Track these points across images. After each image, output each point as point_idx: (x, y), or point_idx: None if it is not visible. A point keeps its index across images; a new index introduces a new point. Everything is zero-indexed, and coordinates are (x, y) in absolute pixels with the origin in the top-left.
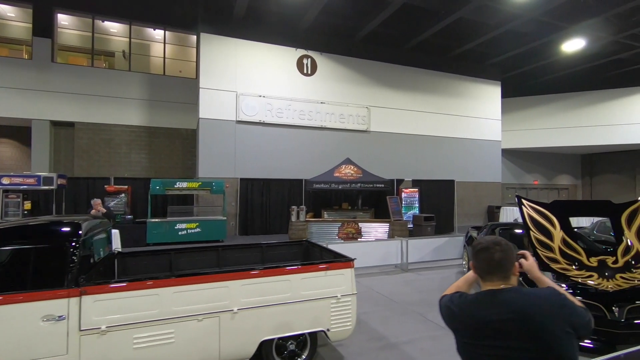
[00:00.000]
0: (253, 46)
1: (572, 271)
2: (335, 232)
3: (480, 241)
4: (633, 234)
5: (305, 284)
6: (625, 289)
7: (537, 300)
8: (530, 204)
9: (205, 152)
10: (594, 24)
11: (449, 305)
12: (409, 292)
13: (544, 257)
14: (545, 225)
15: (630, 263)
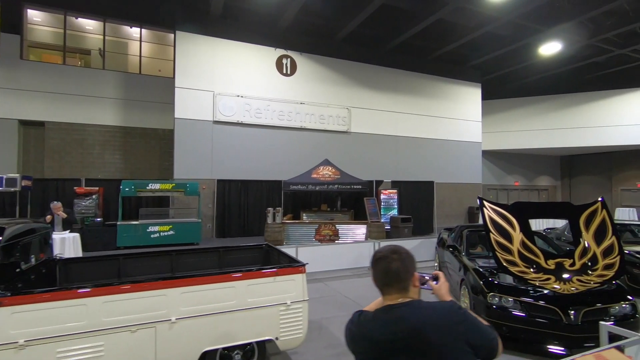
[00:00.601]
0: (231, 45)
1: (530, 274)
2: (312, 234)
3: (378, 250)
4: (590, 236)
5: (252, 290)
6: (582, 291)
7: (433, 316)
8: (492, 205)
9: (182, 153)
10: (569, 28)
11: (349, 326)
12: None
13: (503, 260)
14: (506, 227)
15: (587, 265)
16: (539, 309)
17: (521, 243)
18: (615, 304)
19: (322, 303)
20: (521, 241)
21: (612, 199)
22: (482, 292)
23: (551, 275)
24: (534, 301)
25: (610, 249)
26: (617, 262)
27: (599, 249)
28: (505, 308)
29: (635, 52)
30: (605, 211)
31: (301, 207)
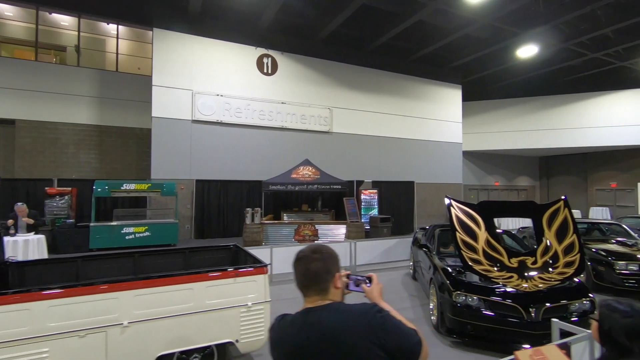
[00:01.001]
0: (210, 44)
1: (493, 272)
2: (292, 234)
3: (300, 250)
4: (552, 235)
5: (210, 292)
6: (543, 289)
7: (349, 320)
8: (459, 205)
9: (159, 153)
10: (544, 31)
11: (270, 331)
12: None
13: (468, 258)
14: (472, 226)
15: (549, 263)
16: (502, 306)
17: (486, 242)
18: (575, 301)
19: (293, 304)
20: (486, 240)
21: (588, 198)
22: (448, 290)
23: (514, 274)
24: (497, 299)
25: (571, 247)
26: (577, 259)
27: (560, 246)
28: (470, 306)
29: (608, 56)
30: (567, 210)
31: (282, 207)
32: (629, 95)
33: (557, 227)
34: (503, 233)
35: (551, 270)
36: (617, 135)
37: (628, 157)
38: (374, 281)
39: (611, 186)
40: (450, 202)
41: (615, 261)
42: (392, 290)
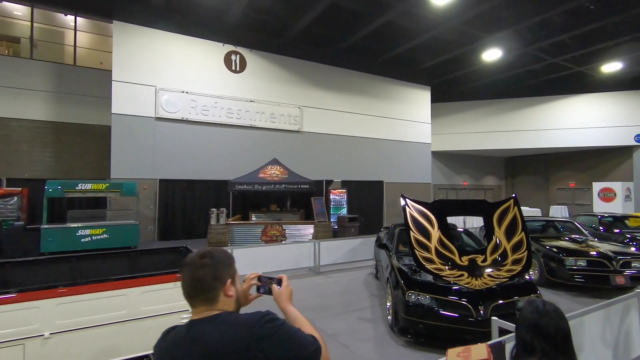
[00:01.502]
0: (175, 39)
1: (445, 271)
2: (259, 235)
3: (188, 255)
4: (502, 233)
5: (147, 298)
6: (491, 286)
7: (232, 332)
8: (414, 203)
9: (120, 151)
10: (507, 36)
11: (154, 348)
12: (308, 297)
13: (420, 257)
14: (425, 225)
15: (498, 261)
16: (452, 305)
17: (438, 240)
18: (523, 298)
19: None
20: (438, 238)
21: (549, 197)
22: (402, 289)
23: (464, 272)
24: (447, 298)
25: (520, 244)
26: (525, 256)
27: (509, 244)
28: (422, 305)
29: (566, 61)
30: (516, 208)
31: (250, 207)
32: (586, 99)
33: (507, 225)
34: (463, 232)
35: (500, 268)
36: (575, 137)
37: (585, 158)
38: (284, 283)
39: (570, 185)
40: (405, 201)
41: (565, 257)
42: (353, 290)
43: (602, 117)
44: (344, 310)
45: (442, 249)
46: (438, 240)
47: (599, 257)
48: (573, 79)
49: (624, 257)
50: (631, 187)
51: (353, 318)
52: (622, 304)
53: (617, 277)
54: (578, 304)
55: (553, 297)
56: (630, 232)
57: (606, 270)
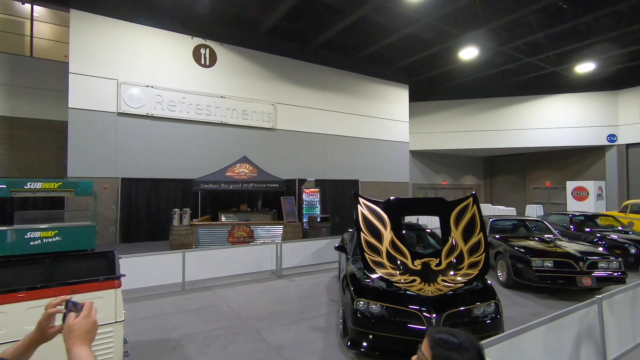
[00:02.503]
0: (139, 30)
1: (396, 276)
2: (225, 236)
3: None
4: (459, 233)
5: (33, 315)
6: (445, 293)
7: None
8: (366, 202)
9: (78, 148)
10: (482, 34)
11: None
12: (265, 303)
13: (370, 261)
14: (377, 226)
15: (453, 264)
16: (403, 314)
17: (390, 242)
18: (478, 304)
19: (197, 316)
20: (391, 240)
21: (526, 196)
22: (351, 296)
23: (417, 277)
24: (397, 306)
25: (477, 246)
26: (482, 259)
27: (466, 246)
28: (372, 314)
29: (541, 61)
30: (475, 206)
31: (220, 207)
32: (561, 99)
33: (464, 226)
34: (430, 233)
35: (455, 272)
36: (550, 137)
37: (560, 158)
38: (82, 314)
39: (546, 185)
40: (358, 200)
41: (531, 258)
42: (313, 295)
43: (577, 117)
44: (297, 318)
45: (394, 251)
46: (390, 242)
47: (565, 258)
48: (548, 79)
49: (591, 257)
50: (603, 186)
51: (305, 327)
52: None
53: (583, 278)
54: (544, 307)
55: (520, 299)
56: (600, 231)
57: (573, 272)
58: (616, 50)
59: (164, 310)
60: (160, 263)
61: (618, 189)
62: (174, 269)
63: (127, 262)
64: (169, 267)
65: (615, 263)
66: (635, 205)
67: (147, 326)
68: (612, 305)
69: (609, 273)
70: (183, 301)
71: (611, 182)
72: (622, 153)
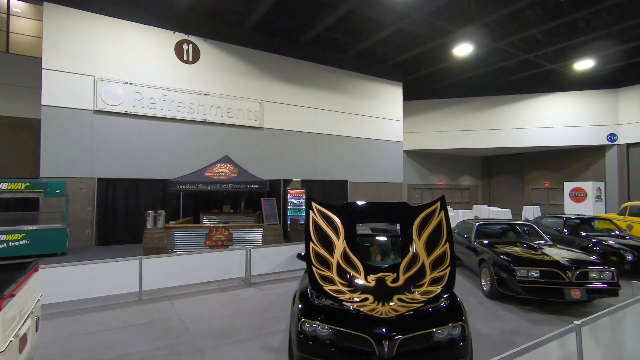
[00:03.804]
0: (117, 25)
1: (346, 294)
2: (203, 239)
3: None
4: (422, 244)
5: None
6: (401, 314)
7: None
8: (320, 208)
9: (51, 147)
10: (476, 30)
11: None
12: (223, 316)
13: (318, 276)
14: (330, 235)
15: (412, 280)
16: (352, 338)
17: (342, 254)
18: (441, 327)
19: (141, 332)
20: (343, 252)
21: (524, 197)
22: (297, 317)
23: (369, 295)
24: (346, 329)
25: (442, 259)
26: (447, 274)
27: (429, 259)
28: (319, 338)
29: (539, 58)
30: (443, 212)
31: (203, 208)
32: (560, 97)
33: (429, 235)
34: None
35: (414, 290)
36: (549, 136)
37: (559, 158)
38: None
39: (545, 185)
40: (310, 204)
41: (516, 267)
42: (279, 306)
43: (576, 116)
44: (252, 335)
45: (346, 265)
46: (342, 254)
47: (553, 267)
48: (546, 76)
49: (581, 267)
50: (602, 187)
51: (256, 346)
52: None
53: (572, 290)
54: (528, 323)
55: (503, 312)
56: (596, 235)
57: (561, 282)
58: (616, 47)
59: (108, 325)
60: (116, 271)
61: (618, 190)
62: (132, 277)
63: (79, 270)
64: (126, 275)
65: (608, 273)
66: (634, 207)
67: (79, 345)
68: (595, 331)
69: (602, 284)
70: (133, 314)
71: (611, 183)
72: (623, 153)
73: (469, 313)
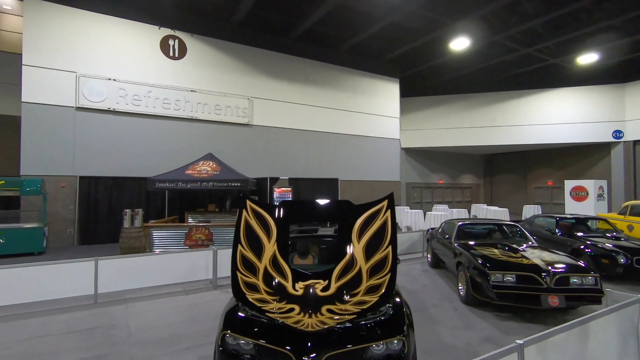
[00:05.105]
0: (100, 20)
1: (271, 303)
2: (182, 239)
3: None
4: (361, 248)
5: None
6: (330, 327)
7: None
8: (255, 207)
9: (31, 145)
10: (473, 23)
11: None
12: (175, 321)
13: (242, 283)
14: (260, 236)
15: (346, 288)
16: (270, 354)
17: (271, 259)
18: (377, 342)
19: (80, 339)
20: (272, 256)
21: (527, 196)
22: (219, 329)
23: (296, 305)
24: (268, 343)
25: (382, 265)
26: (386, 282)
27: (367, 264)
28: (240, 353)
29: (540, 52)
30: (389, 212)
31: (189, 207)
32: (563, 93)
33: (370, 237)
34: None
35: (346, 299)
36: (553, 133)
37: (563, 156)
38: None
39: (548, 184)
40: (245, 203)
41: (490, 271)
42: None
43: (580, 112)
44: (195, 343)
45: (274, 271)
46: (271, 258)
47: (530, 272)
48: (549, 71)
49: (561, 271)
50: (604, 185)
51: (194, 357)
52: None
53: (549, 297)
54: (501, 332)
55: (476, 320)
56: (590, 236)
57: (538, 288)
58: (620, 39)
59: (48, 331)
60: (72, 272)
61: (625, 189)
62: (90, 279)
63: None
64: (84, 277)
65: (591, 279)
66: (636, 207)
67: (8, 354)
68: (544, 352)
69: (583, 291)
70: (82, 318)
71: (617, 181)
72: (629, 150)
73: (440, 320)
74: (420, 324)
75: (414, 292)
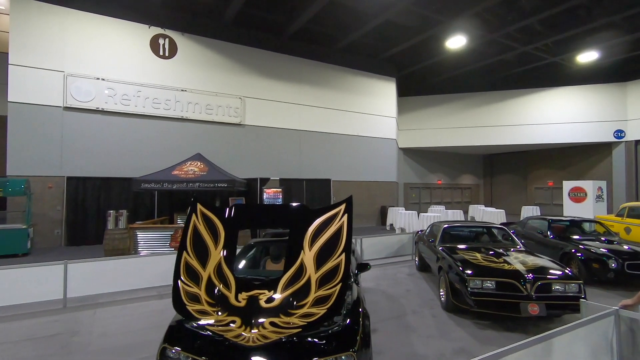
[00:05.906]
0: (89, 18)
1: (211, 315)
2: (168, 241)
3: None
4: (313, 255)
5: None
6: (273, 341)
7: None
8: (205, 211)
9: (18, 145)
10: (468, 20)
11: None
12: (140, 328)
13: (184, 293)
14: (207, 243)
15: (293, 299)
16: None
17: (216, 267)
18: (325, 358)
19: (34, 348)
20: (217, 264)
21: (527, 197)
22: (160, 342)
23: (237, 317)
24: (204, 358)
25: (333, 274)
26: (335, 293)
27: (317, 273)
28: None
29: (539, 51)
30: (346, 217)
31: (180, 209)
32: (564, 92)
33: (323, 244)
34: None
35: (292, 312)
36: (553, 133)
37: (564, 156)
38: None
39: (548, 184)
40: (195, 206)
41: (468, 277)
42: None
43: (581, 111)
44: (153, 354)
45: (217, 280)
46: (217, 266)
47: (511, 278)
48: (549, 70)
49: (542, 277)
50: (604, 185)
51: None
52: None
53: (529, 305)
54: (478, 342)
55: (454, 328)
56: (583, 239)
57: (518, 296)
58: (621, 37)
59: (6, 338)
60: (42, 276)
61: (626, 189)
62: (58, 282)
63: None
64: (54, 280)
65: (574, 286)
66: (635, 209)
67: None
68: None
69: (566, 299)
70: (45, 324)
71: (618, 182)
72: (631, 150)
73: (416, 328)
74: (394, 332)
75: (396, 297)
